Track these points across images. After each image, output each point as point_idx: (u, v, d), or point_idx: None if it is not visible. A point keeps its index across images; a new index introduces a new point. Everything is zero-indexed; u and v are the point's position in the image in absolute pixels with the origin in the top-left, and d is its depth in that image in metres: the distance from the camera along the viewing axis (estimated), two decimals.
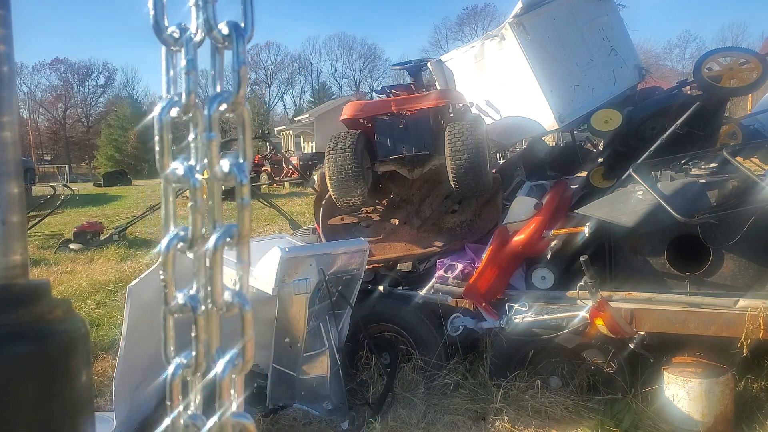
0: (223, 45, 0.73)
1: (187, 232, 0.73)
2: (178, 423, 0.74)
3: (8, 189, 0.74)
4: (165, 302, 0.73)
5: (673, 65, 55.60)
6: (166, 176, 0.73)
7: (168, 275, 0.73)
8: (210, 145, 0.73)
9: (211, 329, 0.73)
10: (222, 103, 0.72)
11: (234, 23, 0.72)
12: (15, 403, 0.66)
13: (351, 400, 4.31)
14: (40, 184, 23.36)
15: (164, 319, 0.74)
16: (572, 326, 3.96)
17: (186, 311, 0.73)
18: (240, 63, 0.72)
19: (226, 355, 0.72)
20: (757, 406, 3.86)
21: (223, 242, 0.71)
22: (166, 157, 0.73)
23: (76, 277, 8.71)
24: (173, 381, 0.74)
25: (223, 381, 0.71)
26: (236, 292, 0.72)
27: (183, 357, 0.74)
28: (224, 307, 0.73)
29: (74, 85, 71.21)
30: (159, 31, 0.73)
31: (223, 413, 0.72)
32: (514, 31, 5.46)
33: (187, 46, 0.73)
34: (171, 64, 0.75)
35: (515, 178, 5.61)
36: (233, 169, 0.71)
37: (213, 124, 0.73)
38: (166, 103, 0.73)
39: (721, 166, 4.38)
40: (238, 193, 0.71)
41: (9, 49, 0.74)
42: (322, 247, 4.69)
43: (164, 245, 0.73)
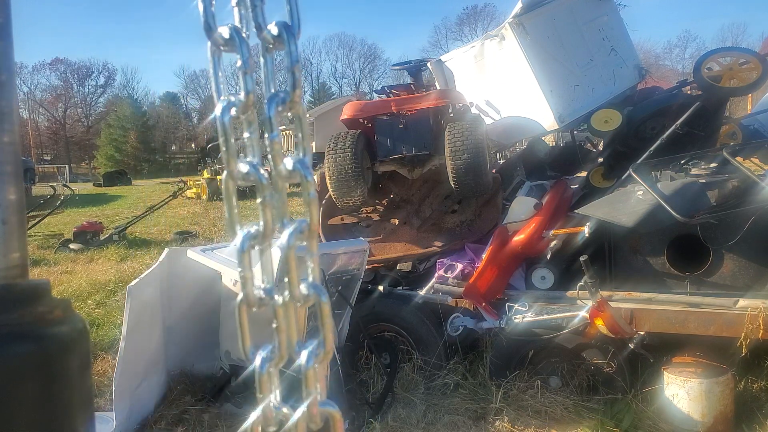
0: (273, 45, 0.74)
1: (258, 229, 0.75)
2: (270, 413, 0.75)
3: (8, 189, 0.74)
4: (244, 296, 0.75)
5: (673, 65, 55.68)
6: (232, 174, 0.74)
7: (247, 271, 0.75)
8: (273, 145, 0.74)
9: (290, 321, 0.75)
10: (281, 102, 0.74)
11: (284, 23, 0.73)
12: (15, 403, 0.66)
13: (351, 400, 4.31)
14: (40, 184, 23.36)
15: (240, 312, 0.76)
16: (572, 326, 3.97)
17: (264, 305, 0.75)
18: (294, 62, 0.73)
19: (309, 346, 0.74)
20: (757, 406, 3.86)
21: (296, 237, 0.74)
22: (231, 156, 0.74)
23: (75, 277, 8.72)
24: (261, 374, 0.75)
25: (308, 371, 0.74)
26: (313, 284, 0.75)
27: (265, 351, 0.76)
28: (301, 299, 0.75)
29: (74, 85, 71.28)
30: (209, 32, 0.73)
31: (311, 401, 0.74)
32: (514, 31, 5.46)
33: (241, 46, 0.74)
34: (219, 65, 0.76)
35: (515, 178, 5.62)
36: (297, 166, 0.73)
37: (274, 124, 0.74)
38: (225, 103, 0.74)
39: (721, 166, 4.38)
40: (305, 188, 0.73)
41: (9, 49, 0.74)
42: (322, 247, 4.69)
43: (239, 242, 0.74)
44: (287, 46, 0.73)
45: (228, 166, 0.74)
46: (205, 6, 0.72)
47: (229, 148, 0.74)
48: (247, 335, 0.76)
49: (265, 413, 0.76)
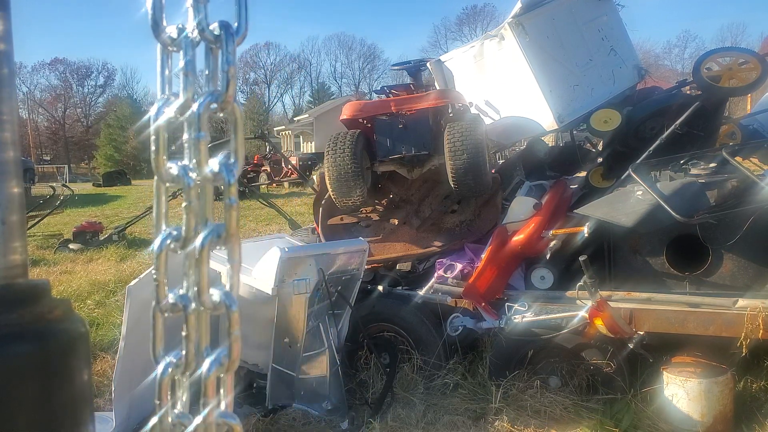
0: (216, 45, 0.73)
1: (180, 232, 0.73)
2: (166, 421, 0.74)
3: (8, 189, 0.74)
4: (156, 301, 0.74)
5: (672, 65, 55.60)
6: (161, 176, 0.73)
7: (160, 274, 0.74)
8: (199, 145, 0.73)
9: (201, 328, 0.74)
10: (212, 102, 0.72)
11: (224, 23, 0.72)
12: (14, 403, 0.66)
13: (350, 400, 4.31)
14: (39, 184, 23.33)
15: (154, 318, 0.74)
16: (572, 326, 3.97)
17: (177, 310, 0.74)
18: (228, 63, 0.72)
19: (212, 354, 0.72)
20: (756, 406, 3.86)
21: (210, 241, 0.72)
22: (160, 157, 0.73)
23: (75, 277, 8.71)
24: (162, 380, 0.74)
25: (209, 380, 0.72)
26: (224, 292, 0.72)
27: (173, 356, 0.74)
28: (212, 307, 0.73)
29: (73, 85, 71.20)
30: (157, 31, 0.73)
31: (208, 412, 0.72)
32: (514, 31, 5.46)
33: (185, 46, 0.73)
34: (167, 65, 0.76)
35: (515, 178, 5.61)
36: (222, 168, 0.71)
37: (202, 124, 0.73)
38: (162, 102, 0.74)
39: (721, 166, 4.38)
40: (226, 193, 0.72)
41: (9, 49, 0.74)
42: (321, 247, 4.69)
43: (157, 245, 0.73)
44: (223, 46, 0.72)
45: (156, 167, 0.73)
46: (154, 5, 0.72)
47: (159, 147, 0.73)
48: (159, 340, 0.75)
49: (162, 421, 0.74)
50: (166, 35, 0.73)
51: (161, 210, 0.75)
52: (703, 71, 5.02)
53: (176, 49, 0.74)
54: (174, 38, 0.73)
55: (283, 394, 4.20)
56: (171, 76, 0.76)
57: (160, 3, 0.72)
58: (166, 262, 0.74)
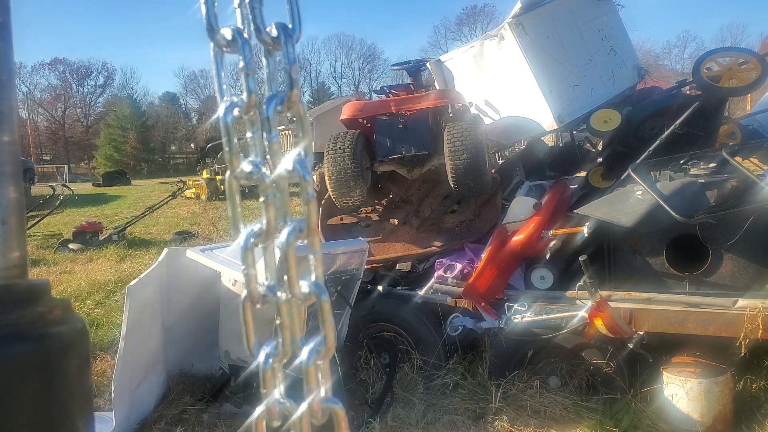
0: (273, 46, 0.75)
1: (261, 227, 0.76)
2: (273, 409, 0.77)
3: (8, 189, 0.74)
4: (247, 293, 0.76)
5: (672, 65, 55.62)
6: (234, 173, 0.75)
7: (250, 268, 0.76)
8: (272, 145, 0.75)
9: (294, 318, 0.77)
10: (278, 103, 0.75)
11: (282, 25, 0.75)
12: (14, 403, 0.66)
13: (350, 399, 4.31)
14: (39, 184, 23.33)
15: (244, 309, 0.77)
16: (571, 326, 3.97)
17: (267, 302, 0.77)
18: (291, 63, 0.74)
19: (311, 343, 0.76)
20: (756, 406, 3.86)
21: (295, 236, 0.75)
22: (234, 156, 0.75)
23: (75, 277, 8.72)
24: (266, 370, 0.76)
25: (309, 367, 0.75)
26: (313, 283, 0.75)
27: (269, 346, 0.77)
28: (302, 297, 0.76)
29: (73, 85, 71.19)
30: (212, 33, 0.74)
31: (312, 398, 0.75)
32: (514, 31, 5.46)
33: (243, 47, 0.75)
34: (221, 66, 0.77)
35: (514, 178, 5.62)
36: (296, 166, 0.73)
37: (273, 125, 0.75)
38: (228, 104, 0.75)
39: (720, 166, 4.38)
40: (303, 188, 0.74)
41: (9, 49, 0.74)
42: (321, 247, 4.68)
43: (242, 240, 0.76)
44: (284, 48, 0.74)
45: (231, 166, 0.75)
46: (208, 7, 0.73)
47: (232, 147, 0.75)
48: (251, 332, 0.77)
49: (269, 408, 0.77)
50: (220, 36, 0.75)
51: (237, 208, 0.77)
52: (702, 71, 5.01)
53: (230, 50, 0.76)
54: (229, 40, 0.75)
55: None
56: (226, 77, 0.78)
57: (213, 6, 0.73)
58: (253, 257, 0.76)
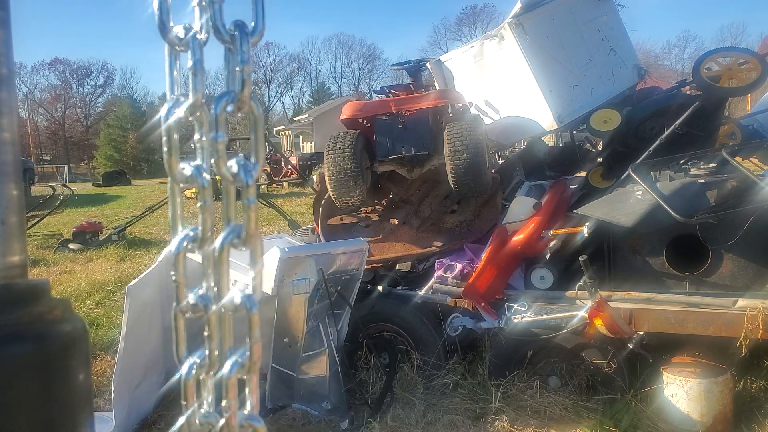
0: (231, 45, 0.73)
1: (197, 232, 0.73)
2: (194, 421, 0.74)
3: (7, 189, 0.74)
4: (177, 302, 0.74)
5: (672, 65, 55.61)
6: (174, 177, 0.73)
7: (179, 275, 0.74)
8: (216, 146, 0.73)
9: (224, 329, 0.74)
10: (228, 102, 0.72)
11: (239, 22, 0.73)
12: (14, 403, 0.66)
13: (350, 399, 4.31)
14: (39, 184, 23.33)
15: (175, 319, 0.74)
16: (571, 326, 3.97)
17: (198, 311, 0.74)
18: (243, 62, 0.72)
19: (233, 356, 0.73)
20: (756, 406, 3.86)
21: (230, 242, 0.72)
22: (173, 158, 0.73)
23: (75, 277, 8.71)
24: (188, 380, 0.74)
25: (230, 380, 0.72)
26: (244, 294, 0.73)
27: (196, 356, 0.74)
28: (232, 308, 0.73)
29: (73, 85, 71.21)
30: (164, 31, 0.73)
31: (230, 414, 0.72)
32: (513, 31, 5.46)
33: (193, 46, 0.73)
34: (175, 65, 0.75)
35: (514, 178, 5.62)
36: (240, 170, 0.71)
37: (219, 124, 0.72)
38: (172, 103, 0.73)
39: (720, 166, 4.38)
40: (244, 194, 0.71)
41: (8, 49, 0.74)
42: (321, 247, 4.69)
43: (174, 245, 0.73)
44: (239, 46, 0.72)
45: (169, 168, 0.73)
46: (161, 6, 0.72)
47: (171, 148, 0.73)
48: (182, 341, 0.75)
49: (189, 421, 0.74)
50: (173, 35, 0.73)
51: (177, 211, 0.75)
52: (702, 71, 5.01)
53: (184, 49, 0.74)
54: (182, 38, 0.73)
55: (283, 394, 4.20)
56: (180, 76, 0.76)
57: (166, 3, 0.72)
58: (184, 263, 0.74)
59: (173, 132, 0.73)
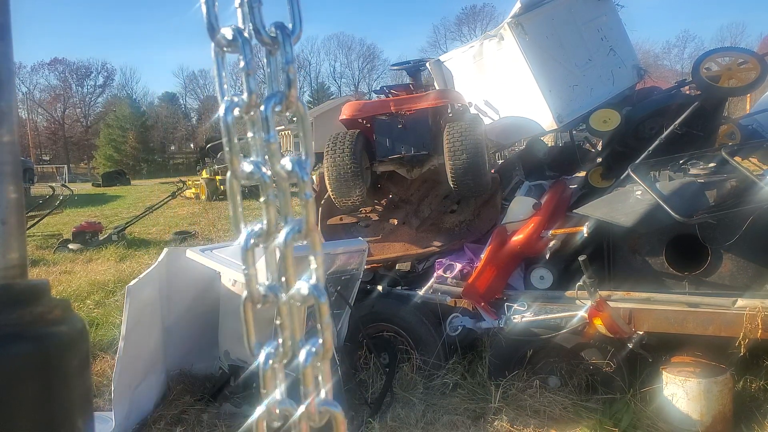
0: (273, 46, 0.75)
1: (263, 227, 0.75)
2: (274, 410, 0.76)
3: (7, 189, 0.74)
4: (248, 293, 0.75)
5: (671, 65, 55.67)
6: (235, 173, 0.75)
7: (250, 269, 0.76)
8: (270, 146, 0.74)
9: (294, 319, 0.76)
10: (277, 103, 0.74)
11: (281, 25, 0.75)
12: (14, 403, 0.66)
13: (350, 399, 4.31)
14: (39, 184, 23.33)
15: (245, 309, 0.76)
16: (571, 326, 3.97)
17: (268, 302, 0.76)
18: (288, 63, 0.74)
19: (308, 345, 0.75)
20: (755, 406, 3.87)
21: (294, 236, 0.74)
22: (234, 155, 0.75)
23: (75, 277, 8.71)
24: (266, 370, 0.76)
25: (307, 369, 0.74)
26: (312, 284, 0.75)
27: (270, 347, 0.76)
28: (300, 299, 0.75)
29: (73, 85, 71.26)
30: (212, 33, 0.74)
31: (310, 400, 0.74)
32: (513, 31, 5.46)
33: (244, 47, 0.74)
34: (222, 66, 0.77)
35: (514, 178, 5.62)
36: (295, 166, 0.73)
37: (270, 125, 0.74)
38: (229, 103, 0.75)
39: (720, 166, 4.38)
40: (301, 189, 0.74)
41: (8, 49, 0.75)
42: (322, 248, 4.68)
43: (243, 240, 0.75)
44: (282, 47, 0.74)
45: (231, 166, 0.75)
46: (209, 7, 0.73)
47: (233, 147, 0.75)
48: (252, 332, 0.77)
49: (269, 408, 0.76)
50: (221, 36, 0.74)
51: (237, 207, 0.77)
52: (702, 71, 5.02)
53: (231, 50, 0.75)
54: (229, 39, 0.74)
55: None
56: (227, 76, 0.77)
57: (214, 6, 0.73)
58: (254, 257, 0.76)
59: (233, 131, 0.75)
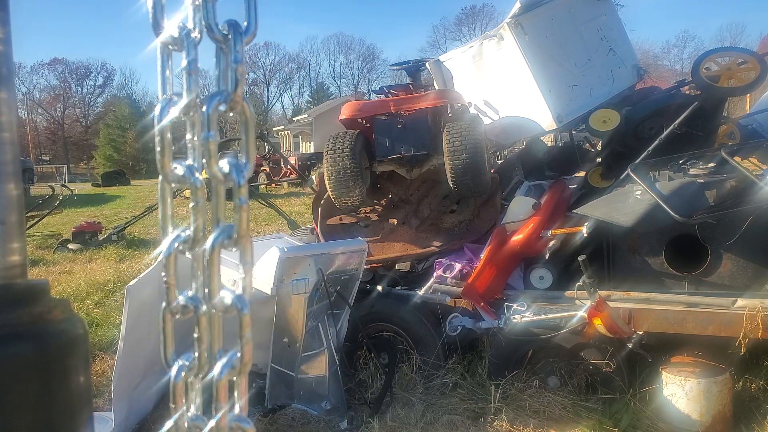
0: (224, 44, 0.72)
1: (189, 233, 0.73)
2: (182, 424, 0.74)
3: (7, 189, 0.74)
4: (166, 303, 0.73)
5: (671, 65, 55.66)
6: (166, 176, 0.72)
7: (170, 276, 0.73)
8: (208, 146, 0.72)
9: (214, 331, 0.73)
10: (221, 102, 0.71)
11: (232, 22, 0.72)
12: (14, 403, 0.66)
13: (349, 399, 4.31)
14: (38, 184, 23.33)
15: (164, 320, 0.73)
16: (571, 326, 3.97)
17: (187, 312, 0.73)
18: (237, 62, 0.71)
19: (224, 357, 0.71)
20: (755, 406, 3.87)
21: (221, 243, 0.71)
22: (166, 158, 0.72)
23: (74, 277, 8.70)
24: (176, 383, 0.73)
25: (220, 383, 0.71)
26: (236, 295, 0.71)
27: (185, 359, 0.73)
28: (223, 309, 0.72)
29: (72, 85, 71.16)
30: (157, 30, 0.72)
31: (221, 415, 0.71)
32: (513, 31, 5.46)
33: (188, 45, 0.72)
34: (168, 64, 0.75)
35: (514, 178, 5.62)
36: (232, 169, 0.71)
37: (211, 124, 0.72)
38: (165, 102, 0.73)
39: (720, 166, 4.38)
40: (236, 194, 0.71)
41: (8, 49, 0.75)
42: (320, 247, 4.69)
43: (166, 246, 0.72)
44: (232, 45, 0.71)
45: (162, 168, 0.72)
46: (155, 4, 0.71)
47: (164, 148, 0.72)
48: (170, 343, 0.74)
49: (178, 424, 0.74)
50: (166, 35, 0.73)
51: (167, 211, 0.75)
52: (702, 71, 5.02)
53: (177, 48, 0.73)
54: (175, 37, 0.73)
55: (282, 394, 4.20)
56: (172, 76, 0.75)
57: (160, 2, 0.72)
58: (175, 264, 0.73)
59: (166, 132, 0.72)
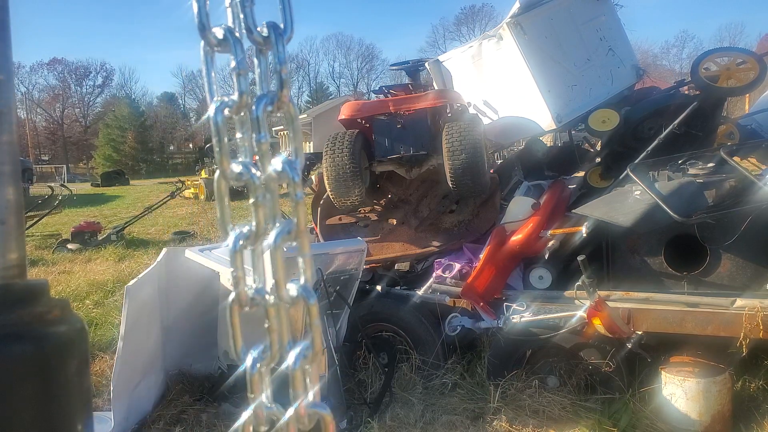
0: (264, 46, 0.74)
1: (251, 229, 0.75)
2: (260, 413, 0.76)
3: (6, 189, 0.74)
4: (236, 296, 0.75)
5: (670, 65, 55.67)
6: (225, 174, 0.74)
7: (238, 271, 0.75)
8: (261, 146, 0.74)
9: (282, 322, 0.75)
10: (268, 103, 0.74)
11: (273, 24, 0.74)
12: (13, 403, 0.66)
13: (349, 399, 4.31)
14: (38, 184, 23.33)
15: (231, 312, 0.75)
16: (570, 326, 3.97)
17: (256, 304, 0.75)
18: (281, 63, 0.74)
19: (297, 347, 0.74)
20: (754, 406, 3.87)
21: (284, 237, 0.73)
22: (224, 157, 0.74)
23: (74, 277, 8.71)
24: (253, 374, 0.75)
25: (296, 372, 0.74)
26: (301, 286, 0.74)
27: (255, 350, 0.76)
28: (290, 301, 0.74)
29: (72, 85, 71.16)
30: (203, 32, 0.73)
31: (300, 403, 0.74)
32: (512, 31, 5.46)
33: (235, 46, 0.74)
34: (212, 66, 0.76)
35: (513, 178, 5.62)
36: (285, 167, 0.73)
37: (262, 125, 0.74)
38: (219, 104, 0.74)
39: (719, 166, 4.38)
40: (292, 190, 0.73)
41: (7, 49, 0.75)
42: (320, 247, 4.69)
43: (231, 242, 0.74)
44: (274, 47, 0.74)
45: (221, 166, 0.74)
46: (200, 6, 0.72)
47: (222, 148, 0.74)
48: (239, 335, 0.76)
49: (256, 413, 0.76)
50: (212, 35, 0.74)
51: (225, 208, 0.76)
52: (701, 71, 5.02)
53: (222, 49, 0.75)
54: (220, 39, 0.74)
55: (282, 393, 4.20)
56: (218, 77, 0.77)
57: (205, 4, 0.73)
58: (242, 259, 0.75)
59: (223, 132, 0.74)
